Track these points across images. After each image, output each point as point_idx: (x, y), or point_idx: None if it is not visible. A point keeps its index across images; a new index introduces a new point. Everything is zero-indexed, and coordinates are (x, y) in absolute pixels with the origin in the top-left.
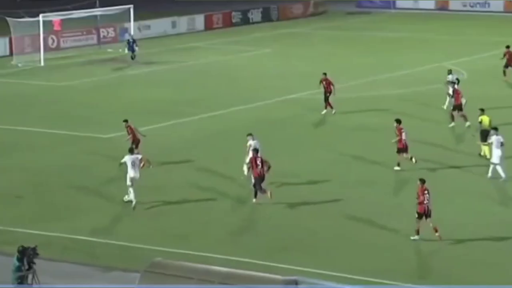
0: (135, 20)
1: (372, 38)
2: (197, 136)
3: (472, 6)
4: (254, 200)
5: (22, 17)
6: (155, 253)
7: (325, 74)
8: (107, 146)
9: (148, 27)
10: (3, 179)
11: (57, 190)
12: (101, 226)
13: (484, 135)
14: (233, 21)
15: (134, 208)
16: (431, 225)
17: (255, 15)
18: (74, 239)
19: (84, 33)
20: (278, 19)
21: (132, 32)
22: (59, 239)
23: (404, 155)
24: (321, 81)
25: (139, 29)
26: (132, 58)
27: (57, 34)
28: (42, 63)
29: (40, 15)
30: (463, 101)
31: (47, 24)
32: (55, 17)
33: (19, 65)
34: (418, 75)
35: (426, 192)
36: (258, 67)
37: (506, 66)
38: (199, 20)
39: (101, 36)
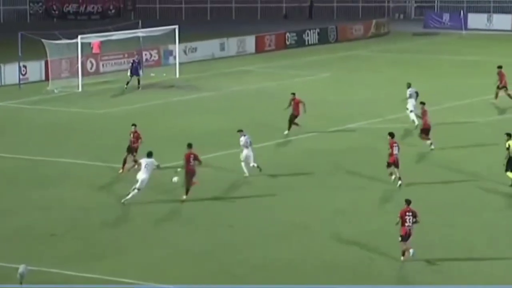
0: (180, 42)
1: (441, 62)
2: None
3: None
4: None
5: (59, 38)
6: None
7: (293, 94)
8: (152, 179)
9: (195, 49)
10: (39, 215)
11: (97, 227)
12: (145, 267)
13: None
14: (287, 43)
15: (123, 203)
16: (404, 247)
17: (312, 36)
18: (115, 281)
19: (126, 56)
20: (336, 41)
21: (177, 55)
22: (99, 281)
23: (395, 169)
24: (290, 102)
25: (184, 52)
26: (138, 85)
27: (96, 57)
28: (80, 89)
29: (79, 37)
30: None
31: (86, 46)
32: (94, 38)
33: (56, 91)
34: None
35: (409, 213)
36: (315, 94)
37: (499, 87)
38: (250, 42)
39: (144, 59)
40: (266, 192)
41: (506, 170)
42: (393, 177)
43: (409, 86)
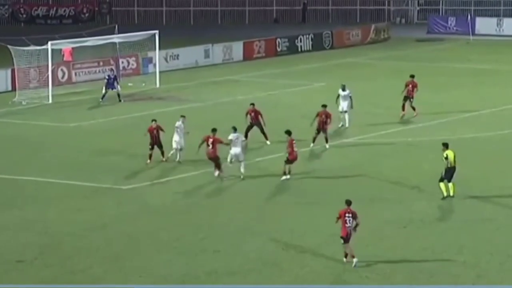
0: (161, 48)
1: (446, 71)
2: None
3: None
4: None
5: (27, 45)
6: None
7: (253, 104)
8: (128, 199)
9: (177, 56)
10: (3, 239)
11: (68, 254)
12: None
13: (450, 173)
14: (278, 49)
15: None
16: (348, 250)
17: (305, 42)
18: None
19: (101, 64)
20: (332, 47)
21: (157, 62)
22: None
23: (291, 166)
24: (247, 113)
25: (165, 59)
26: (119, 98)
27: (68, 66)
28: (50, 100)
29: (49, 43)
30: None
31: (57, 53)
32: (66, 44)
33: (23, 102)
34: (504, 114)
35: (349, 214)
36: (309, 105)
37: (405, 99)
38: (237, 48)
39: (121, 67)
40: (256, 213)
41: (441, 180)
42: (284, 177)
43: (343, 88)
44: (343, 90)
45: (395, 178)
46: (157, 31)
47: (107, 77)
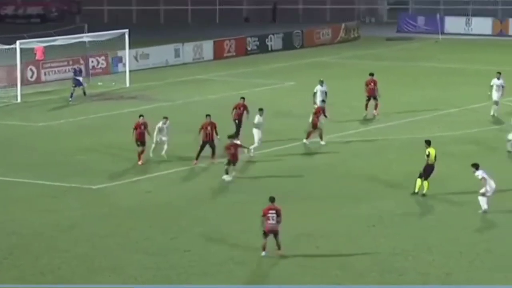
0: (131, 47)
1: (415, 69)
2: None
3: None
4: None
5: None
6: None
7: (243, 98)
8: (97, 199)
9: (147, 56)
10: None
11: (37, 254)
12: None
13: (429, 171)
14: (249, 49)
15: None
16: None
17: (275, 41)
18: None
19: (70, 63)
20: (302, 47)
21: (127, 61)
22: None
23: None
24: (235, 108)
25: (135, 58)
26: (84, 94)
27: (38, 65)
28: (19, 99)
29: (17, 42)
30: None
31: (25, 52)
32: (36, 44)
33: None
34: (471, 113)
35: (272, 211)
36: (279, 104)
37: (369, 98)
38: (208, 47)
39: (91, 66)
40: (226, 213)
41: (420, 177)
42: (226, 177)
43: (321, 83)
44: (321, 85)
45: (364, 177)
46: (127, 30)
47: (73, 70)
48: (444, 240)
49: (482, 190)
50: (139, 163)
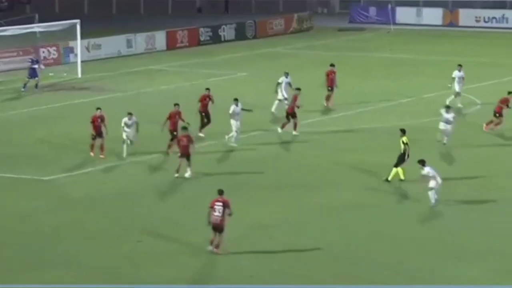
0: (82, 37)
1: (367, 60)
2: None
3: (486, 22)
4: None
5: None
6: None
7: (208, 89)
8: (49, 190)
9: (99, 46)
10: None
11: None
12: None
13: (401, 159)
14: (201, 39)
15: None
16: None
17: (228, 32)
18: None
19: (20, 53)
20: (255, 37)
21: (78, 52)
22: None
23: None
24: (200, 100)
25: (87, 49)
26: (36, 86)
27: None
28: None
29: None
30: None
31: None
32: None
33: None
34: (423, 104)
35: (219, 204)
36: (232, 95)
37: (331, 89)
38: (160, 38)
39: (42, 57)
40: (177, 204)
41: (396, 166)
42: (180, 173)
43: (286, 75)
44: (286, 77)
45: (319, 167)
46: (78, 21)
47: (29, 60)
48: (396, 230)
49: (431, 185)
50: (91, 154)
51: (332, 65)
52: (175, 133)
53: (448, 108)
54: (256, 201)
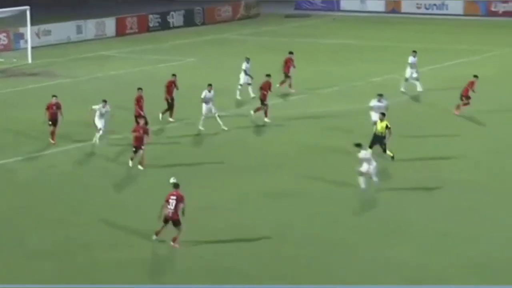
0: (32, 24)
1: (312, 46)
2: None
3: (427, 8)
4: None
5: None
6: None
7: (174, 75)
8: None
9: (49, 32)
10: None
11: None
12: None
13: (376, 141)
14: (150, 25)
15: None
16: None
17: (176, 18)
18: None
19: None
20: (203, 24)
21: (29, 38)
22: None
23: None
24: (166, 86)
25: (37, 35)
26: None
27: None
28: None
29: None
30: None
31: None
32: None
33: None
34: (371, 87)
35: (173, 197)
36: (180, 80)
37: (287, 75)
38: (110, 24)
39: None
40: (126, 184)
41: (385, 151)
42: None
43: (247, 60)
44: (247, 63)
45: (260, 151)
46: (28, 7)
47: None
48: (337, 209)
49: (362, 169)
50: (52, 142)
51: (290, 52)
52: (138, 118)
53: (380, 96)
54: (200, 185)
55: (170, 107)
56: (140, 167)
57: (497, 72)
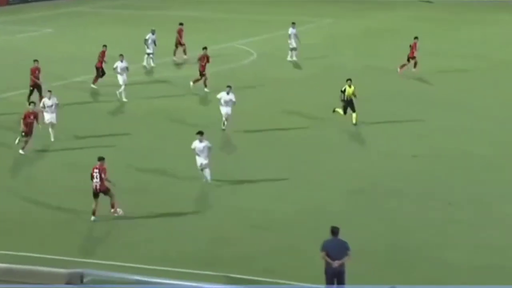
0: None
1: (165, 18)
2: None
3: None
4: None
5: None
6: None
7: (105, 46)
8: None
9: None
10: None
11: None
12: None
13: (348, 104)
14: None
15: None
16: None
17: None
18: None
19: None
20: None
21: None
22: None
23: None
24: (99, 55)
25: None
26: None
27: None
28: None
29: None
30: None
31: None
32: None
33: None
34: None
35: (97, 170)
36: (38, 49)
37: (177, 45)
38: None
39: None
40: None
41: (344, 112)
42: (23, 152)
43: (153, 32)
44: (153, 34)
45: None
46: None
47: None
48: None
49: (203, 163)
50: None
51: (181, 24)
52: (32, 89)
53: (229, 88)
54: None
55: (98, 74)
56: (21, 151)
57: (321, 40)
